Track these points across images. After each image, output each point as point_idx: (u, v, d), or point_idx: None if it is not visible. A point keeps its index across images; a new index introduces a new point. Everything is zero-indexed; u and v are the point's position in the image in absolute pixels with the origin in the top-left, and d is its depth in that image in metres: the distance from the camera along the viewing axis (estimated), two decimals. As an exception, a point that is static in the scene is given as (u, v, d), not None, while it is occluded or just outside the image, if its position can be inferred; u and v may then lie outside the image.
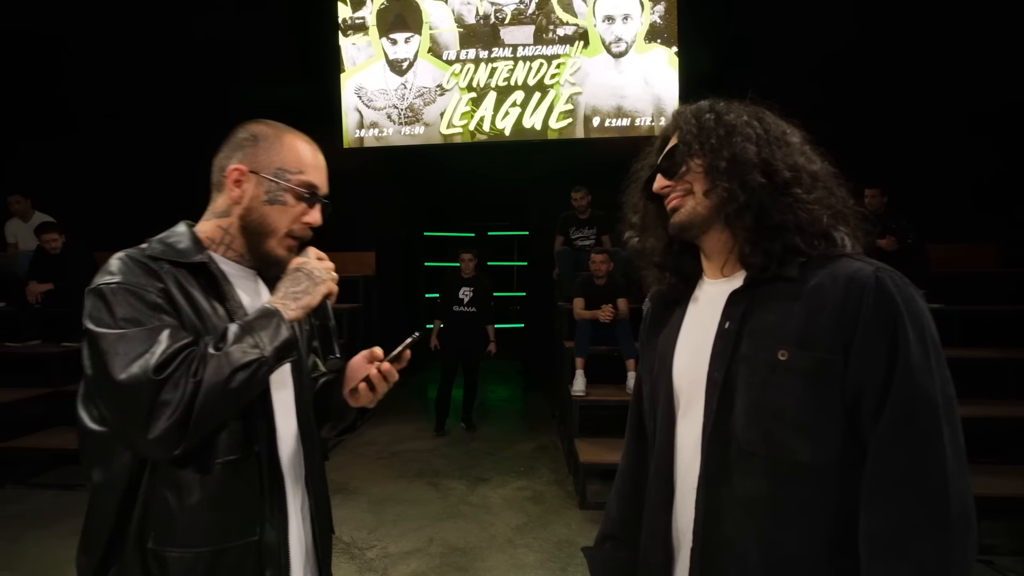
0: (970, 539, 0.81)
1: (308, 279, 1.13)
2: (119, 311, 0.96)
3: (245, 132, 1.16)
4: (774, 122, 1.00)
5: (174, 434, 0.92)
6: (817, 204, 0.95)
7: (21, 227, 6.22)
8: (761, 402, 0.92)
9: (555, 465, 5.11)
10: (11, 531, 3.87)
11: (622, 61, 6.77)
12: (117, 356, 0.93)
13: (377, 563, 3.44)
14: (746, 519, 0.92)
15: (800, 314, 0.90)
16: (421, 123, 6.98)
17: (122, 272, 1.01)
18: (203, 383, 0.93)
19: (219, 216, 1.16)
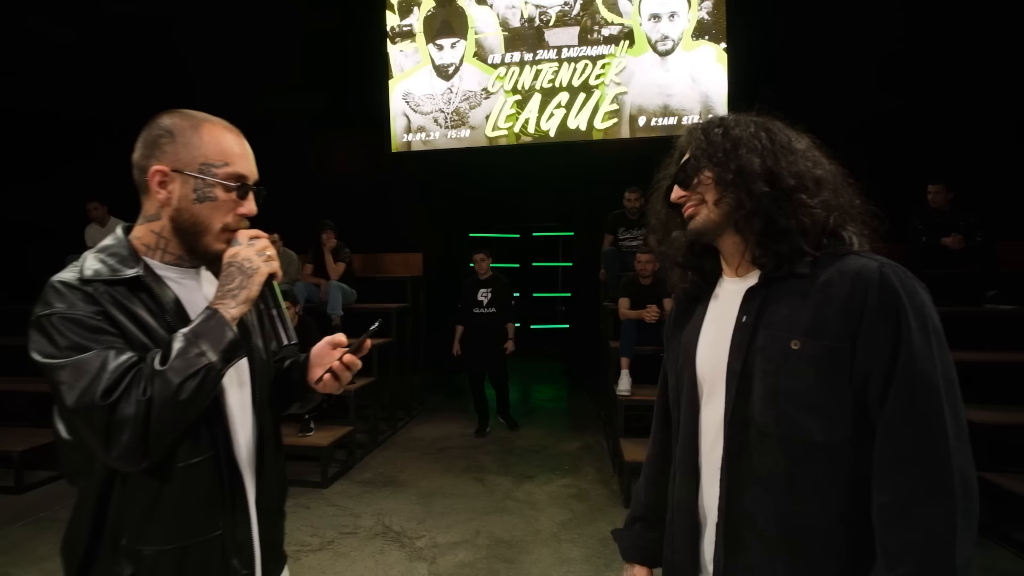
0: (972, 509, 0.88)
1: (240, 272, 1.10)
2: (61, 340, 0.97)
3: (159, 128, 1.10)
4: (780, 131, 1.08)
5: (136, 450, 0.96)
6: (821, 206, 1.02)
7: (99, 232, 6.59)
8: (776, 388, 1.00)
9: (600, 464, 5.14)
10: None
11: (668, 59, 6.74)
12: (65, 385, 0.95)
13: (426, 552, 3.54)
14: (765, 495, 1.01)
15: (811, 307, 0.99)
16: (467, 126, 7.08)
17: (58, 300, 1.00)
18: (153, 400, 0.96)
19: (150, 220, 1.12)
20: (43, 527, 3.92)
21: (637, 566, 1.32)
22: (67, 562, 1.10)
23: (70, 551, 1.09)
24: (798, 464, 0.98)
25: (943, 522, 0.87)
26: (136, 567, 1.05)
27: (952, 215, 5.24)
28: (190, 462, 1.07)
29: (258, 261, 1.11)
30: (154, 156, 1.08)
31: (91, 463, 1.04)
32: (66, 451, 1.07)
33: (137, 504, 1.05)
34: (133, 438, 0.95)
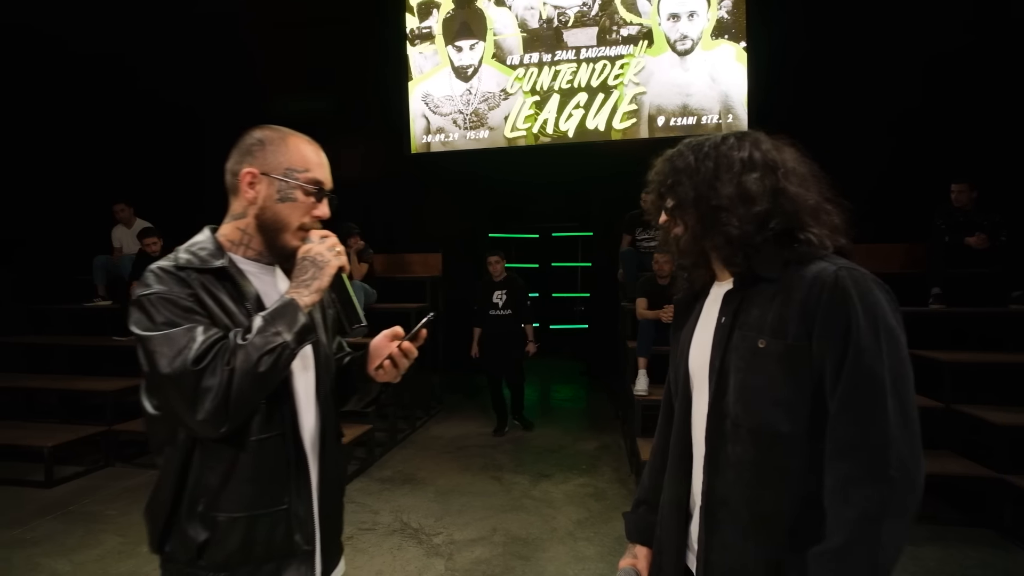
0: (907, 495, 0.95)
1: (313, 265, 1.24)
2: (158, 317, 1.12)
3: (252, 138, 1.27)
4: (725, 154, 1.16)
5: (219, 415, 1.08)
6: (746, 220, 1.11)
7: (125, 233, 6.81)
8: (746, 383, 1.11)
9: (617, 464, 5.15)
10: (122, 503, 4.34)
11: (687, 59, 6.72)
12: (160, 354, 1.08)
13: (443, 548, 3.59)
14: (737, 480, 1.12)
15: (775, 309, 1.09)
16: (486, 127, 7.12)
17: (157, 283, 1.16)
18: (236, 370, 1.09)
19: (237, 218, 1.27)
20: (72, 520, 4.04)
21: (639, 546, 1.42)
22: (151, 524, 1.23)
23: (154, 515, 1.22)
24: (765, 453, 1.08)
25: (875, 502, 0.95)
26: (210, 532, 1.17)
27: (976, 214, 5.17)
28: (262, 437, 1.20)
29: (329, 255, 1.25)
30: (245, 161, 1.25)
31: (175, 434, 1.17)
32: (153, 425, 1.21)
33: (214, 473, 1.17)
34: (216, 404, 1.08)
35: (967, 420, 4.21)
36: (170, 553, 1.21)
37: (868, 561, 0.95)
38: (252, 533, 1.19)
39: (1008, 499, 3.79)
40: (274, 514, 1.21)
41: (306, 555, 1.27)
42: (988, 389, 4.56)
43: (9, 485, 4.67)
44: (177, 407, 1.10)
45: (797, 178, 1.15)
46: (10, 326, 6.69)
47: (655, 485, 1.39)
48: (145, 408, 1.21)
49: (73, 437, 4.94)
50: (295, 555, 1.25)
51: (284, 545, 1.23)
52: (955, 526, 3.86)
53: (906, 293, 5.37)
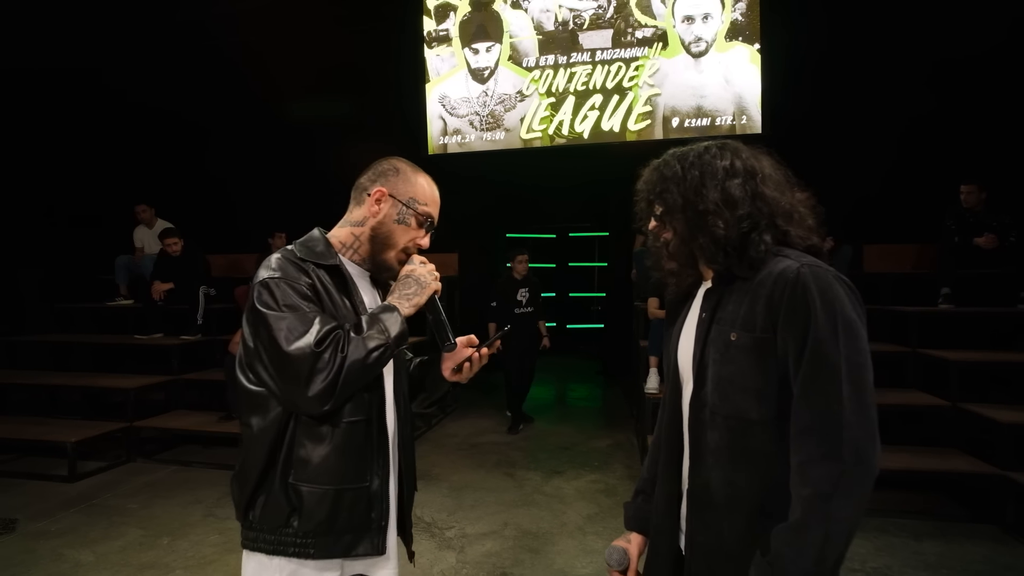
0: (860, 475, 1.01)
1: (416, 284, 1.42)
2: (281, 299, 1.27)
3: (389, 164, 1.47)
4: (709, 163, 1.25)
5: (327, 393, 1.22)
6: (730, 222, 1.19)
7: (147, 233, 6.98)
8: (721, 373, 1.19)
9: (629, 461, 5.21)
10: (143, 498, 4.46)
11: (702, 61, 6.73)
12: (283, 332, 1.23)
13: (455, 542, 3.68)
14: (714, 465, 1.20)
15: (747, 304, 1.17)
16: (502, 129, 7.19)
17: (281, 269, 1.31)
18: (347, 358, 1.24)
19: (354, 225, 1.46)
20: (95, 512, 4.18)
21: (635, 533, 1.48)
22: (240, 491, 1.36)
23: (243, 482, 1.35)
24: (737, 438, 1.17)
25: (827, 481, 1.01)
26: (300, 502, 1.30)
27: (985, 215, 5.20)
28: (352, 420, 1.34)
29: (430, 279, 1.44)
30: (379, 181, 1.45)
31: (268, 408, 1.31)
32: (247, 397, 1.34)
33: (306, 449, 1.31)
34: (327, 384, 1.22)
35: (973, 419, 4.24)
36: (255, 521, 1.33)
37: (820, 535, 1.01)
38: (337, 505, 1.32)
39: (1011, 496, 3.83)
40: (357, 490, 1.35)
41: (380, 530, 1.39)
42: (998, 388, 4.59)
43: (34, 480, 4.83)
44: (289, 383, 1.24)
45: (773, 183, 1.24)
46: (36, 324, 6.93)
47: (653, 475, 1.46)
48: (241, 382, 1.34)
49: (95, 433, 5.07)
50: (370, 529, 1.37)
51: (363, 519, 1.36)
52: (958, 522, 3.91)
53: (917, 293, 5.39)
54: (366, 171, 1.49)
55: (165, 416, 5.63)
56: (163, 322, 6.32)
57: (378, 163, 1.49)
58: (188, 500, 4.39)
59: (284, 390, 1.26)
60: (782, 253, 1.19)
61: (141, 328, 6.29)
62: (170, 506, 4.28)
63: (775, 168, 1.28)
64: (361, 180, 1.49)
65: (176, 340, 6.00)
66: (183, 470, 5.08)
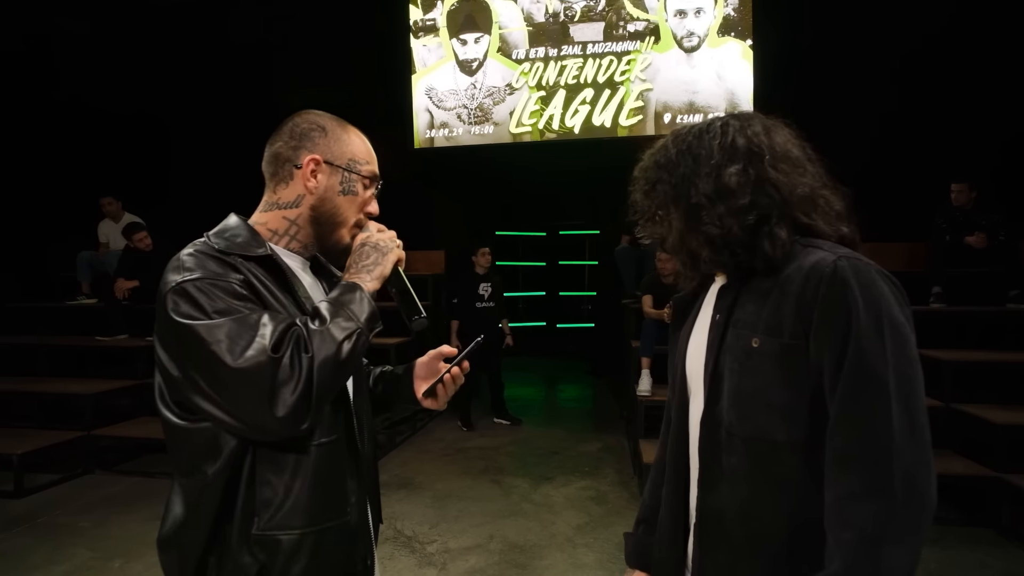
0: (915, 512, 0.83)
1: (375, 251, 1.16)
2: (210, 304, 0.97)
3: (307, 122, 1.17)
4: (706, 145, 1.06)
5: (302, 407, 0.95)
6: (735, 213, 1.00)
7: (112, 227, 6.59)
8: (740, 387, 1.00)
9: (620, 466, 5.05)
10: (97, 514, 4.13)
11: (694, 56, 6.60)
12: (223, 343, 0.94)
13: (436, 558, 3.48)
14: (731, 494, 1.01)
15: (771, 304, 0.97)
16: (491, 122, 7.01)
17: (200, 266, 1.02)
18: (315, 357, 0.96)
19: (286, 207, 1.17)
20: (40, 532, 3.85)
21: (637, 572, 1.29)
22: (179, 560, 1.06)
23: (184, 547, 1.05)
24: (760, 464, 0.97)
25: (874, 522, 0.84)
26: (270, 555, 1.03)
27: (975, 214, 5.21)
28: (324, 441, 1.09)
29: (391, 244, 1.18)
30: (304, 147, 1.15)
31: (219, 447, 1.01)
32: (184, 439, 1.03)
33: (271, 487, 1.03)
34: (300, 396, 0.95)
35: (967, 419, 4.19)
36: None
37: None
38: (319, 550, 1.07)
39: (1006, 498, 3.78)
40: (339, 527, 1.11)
41: (366, 571, 1.19)
42: (987, 388, 4.55)
43: (-26, 496, 4.39)
44: (246, 406, 0.95)
45: (788, 164, 1.04)
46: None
47: (655, 503, 1.28)
48: (169, 420, 1.04)
49: (46, 443, 4.68)
50: (356, 573, 1.16)
51: (348, 563, 1.14)
52: (953, 525, 3.82)
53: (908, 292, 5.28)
54: (276, 136, 1.18)
55: (128, 423, 5.27)
56: (128, 323, 5.97)
57: (291, 124, 1.18)
58: (148, 515, 4.06)
59: (241, 417, 0.96)
60: (813, 244, 0.99)
61: (104, 329, 5.94)
62: (127, 523, 3.97)
63: (793, 143, 1.07)
64: (277, 149, 1.17)
65: (142, 341, 5.67)
66: (145, 481, 4.75)
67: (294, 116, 1.19)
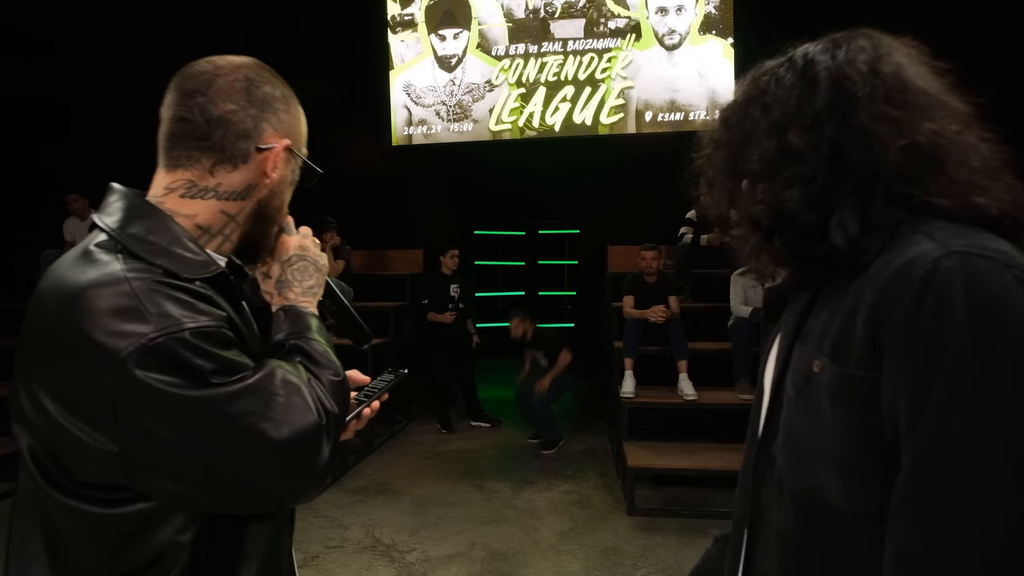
0: None
1: (315, 268, 0.94)
2: (208, 363, 0.71)
3: (267, 83, 0.87)
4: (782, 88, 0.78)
5: (330, 466, 0.79)
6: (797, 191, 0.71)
7: (79, 225, 6.33)
8: (793, 423, 0.75)
9: (603, 468, 4.96)
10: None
11: (675, 54, 6.55)
12: (255, 416, 0.72)
13: (416, 567, 3.36)
14: (774, 559, 0.77)
15: (843, 315, 0.69)
16: (470, 120, 6.90)
17: (172, 310, 0.71)
18: (338, 415, 0.81)
19: (227, 198, 0.84)
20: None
21: None
22: None
23: None
24: (810, 531, 0.71)
25: None
26: None
27: None
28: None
29: (323, 258, 0.97)
30: (269, 122, 0.86)
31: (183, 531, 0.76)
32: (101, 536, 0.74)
33: (234, 557, 0.81)
34: (330, 459, 0.78)
35: None
36: None
37: None
38: None
39: None
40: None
41: None
42: None
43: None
44: (294, 478, 0.77)
45: (903, 102, 0.71)
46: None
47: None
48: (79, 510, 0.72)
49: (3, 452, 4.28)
50: None
51: None
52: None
53: None
54: (217, 90, 0.83)
55: None
56: None
57: (244, 79, 0.85)
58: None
59: (272, 493, 0.78)
60: (923, 228, 0.67)
61: None
62: None
63: (921, 72, 0.74)
64: (228, 109, 0.83)
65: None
66: None
67: (243, 67, 0.86)
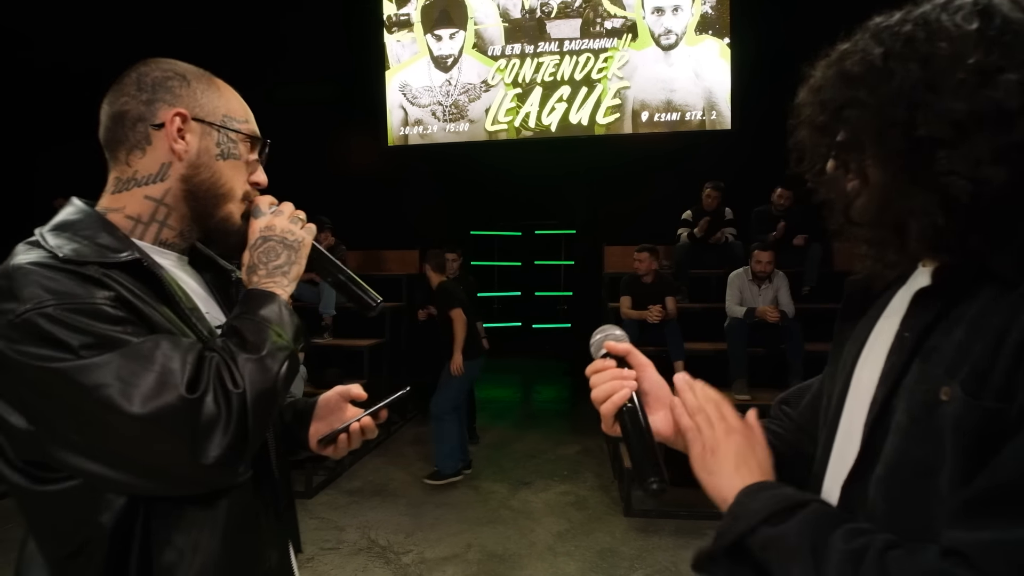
0: None
1: (285, 247, 0.93)
2: (76, 338, 0.72)
3: (161, 71, 0.91)
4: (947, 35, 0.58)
5: (233, 455, 0.76)
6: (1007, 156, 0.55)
7: None
8: (904, 456, 0.60)
9: (600, 469, 4.96)
10: None
11: (672, 54, 6.55)
12: (116, 388, 0.71)
13: (412, 569, 3.35)
14: None
15: (989, 337, 0.55)
16: (466, 120, 6.90)
17: (47, 288, 0.74)
18: (247, 392, 0.77)
19: (146, 183, 0.89)
20: None
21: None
22: None
23: None
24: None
25: None
26: None
27: None
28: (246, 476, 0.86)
29: (299, 231, 0.95)
30: (163, 100, 0.88)
31: (97, 512, 0.78)
32: (42, 509, 0.80)
33: (175, 548, 0.81)
34: (232, 439, 0.75)
35: None
36: None
37: None
38: None
39: None
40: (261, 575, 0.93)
41: None
42: None
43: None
44: (161, 460, 0.75)
45: None
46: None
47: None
48: (20, 485, 0.78)
49: None
50: None
51: None
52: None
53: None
54: (118, 90, 0.90)
55: None
56: None
57: (136, 74, 0.90)
58: None
59: (152, 474, 0.76)
60: None
61: None
62: None
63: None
64: (121, 106, 0.89)
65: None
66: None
67: (138, 65, 0.92)
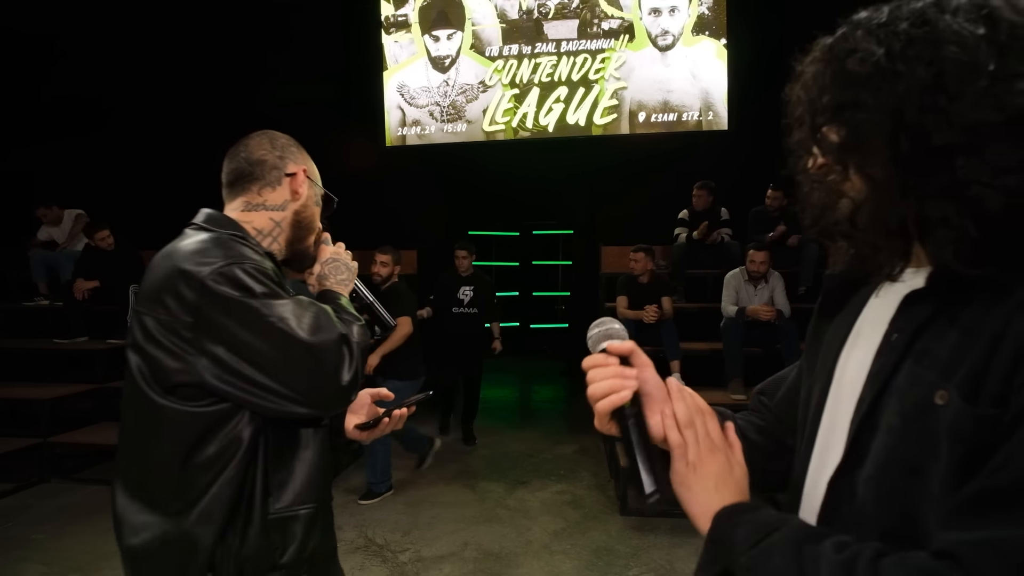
0: None
1: (347, 269, 1.33)
2: (260, 287, 1.03)
3: (284, 139, 1.28)
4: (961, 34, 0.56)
5: (355, 382, 1.07)
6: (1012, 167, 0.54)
7: (56, 231, 6.26)
8: (894, 455, 0.61)
9: (597, 469, 4.97)
10: (52, 526, 3.91)
11: (669, 54, 6.58)
12: (293, 321, 1.01)
13: (409, 567, 3.36)
14: None
15: (984, 342, 0.56)
16: (463, 120, 6.92)
17: (235, 255, 1.07)
18: (358, 343, 1.09)
19: (273, 209, 1.25)
20: None
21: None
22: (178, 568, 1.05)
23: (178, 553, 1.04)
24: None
25: None
26: (286, 536, 1.09)
27: None
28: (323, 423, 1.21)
29: (352, 262, 1.35)
30: (290, 158, 1.26)
31: (234, 436, 1.05)
32: (179, 429, 1.04)
33: (286, 468, 1.11)
34: (355, 371, 1.06)
35: None
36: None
37: None
38: (325, 523, 1.19)
39: None
40: (328, 502, 1.23)
41: (335, 553, 1.30)
42: None
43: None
44: (312, 378, 1.03)
45: None
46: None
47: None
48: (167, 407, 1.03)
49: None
50: (335, 552, 1.29)
51: (332, 541, 1.26)
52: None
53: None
54: (254, 145, 1.25)
55: (88, 429, 4.99)
56: (87, 324, 5.69)
57: (267, 136, 1.27)
58: (107, 526, 3.77)
59: (307, 389, 1.02)
60: None
61: (63, 331, 5.64)
62: (84, 535, 3.74)
63: None
64: (262, 155, 1.24)
65: (102, 344, 5.42)
66: (105, 490, 4.43)
67: (262, 132, 1.28)
